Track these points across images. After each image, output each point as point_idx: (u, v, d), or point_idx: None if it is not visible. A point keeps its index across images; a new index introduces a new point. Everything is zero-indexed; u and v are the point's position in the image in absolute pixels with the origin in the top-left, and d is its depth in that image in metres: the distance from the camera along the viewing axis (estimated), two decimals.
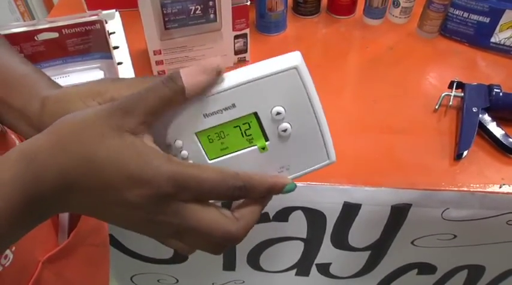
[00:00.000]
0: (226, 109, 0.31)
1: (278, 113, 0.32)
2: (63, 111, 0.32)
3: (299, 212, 0.73)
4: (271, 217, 0.74)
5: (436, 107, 0.77)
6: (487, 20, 0.85)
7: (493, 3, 0.83)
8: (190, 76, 0.29)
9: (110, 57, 0.66)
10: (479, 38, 0.88)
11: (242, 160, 0.33)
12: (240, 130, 0.32)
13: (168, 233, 0.30)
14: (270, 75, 0.31)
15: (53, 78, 0.63)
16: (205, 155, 0.33)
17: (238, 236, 0.31)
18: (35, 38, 0.61)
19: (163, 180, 0.28)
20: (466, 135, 0.71)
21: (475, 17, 0.86)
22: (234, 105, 0.31)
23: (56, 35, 0.61)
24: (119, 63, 0.76)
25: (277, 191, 0.32)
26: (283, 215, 0.73)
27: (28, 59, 0.60)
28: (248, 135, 0.33)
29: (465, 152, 0.70)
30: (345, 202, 0.70)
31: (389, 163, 0.71)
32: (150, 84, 0.29)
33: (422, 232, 0.75)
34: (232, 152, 0.33)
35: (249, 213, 0.32)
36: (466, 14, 0.87)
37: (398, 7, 0.93)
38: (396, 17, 0.95)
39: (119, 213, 0.29)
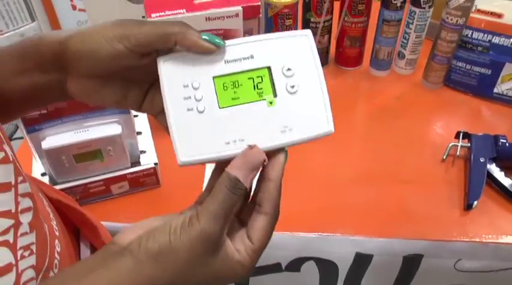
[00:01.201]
0: (245, 58, 0.36)
1: (289, 69, 0.36)
2: (88, 51, 0.35)
3: (311, 263, 0.73)
4: (283, 267, 0.74)
5: (444, 157, 0.79)
6: (488, 71, 0.88)
7: (493, 57, 0.86)
8: (246, 177, 0.33)
9: (127, 111, 0.69)
10: (482, 89, 0.91)
11: (250, 113, 0.36)
12: (253, 82, 0.36)
13: None
14: (285, 37, 0.37)
15: (73, 132, 0.66)
16: (217, 102, 0.36)
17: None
18: None
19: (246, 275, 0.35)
20: (475, 185, 0.72)
21: (477, 68, 0.89)
22: (252, 56, 0.36)
23: None
24: (135, 116, 0.79)
25: (279, 170, 0.35)
26: (295, 265, 0.74)
27: (51, 115, 0.64)
28: (259, 89, 0.36)
29: (475, 203, 0.70)
30: (356, 252, 0.70)
31: (399, 214, 0.71)
32: (220, 198, 0.32)
33: (436, 282, 0.75)
34: (242, 104, 0.36)
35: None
36: (468, 66, 0.90)
37: (403, 59, 0.97)
38: (402, 68, 0.99)
39: None
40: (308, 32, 0.37)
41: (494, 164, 0.74)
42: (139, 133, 0.77)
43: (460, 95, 0.94)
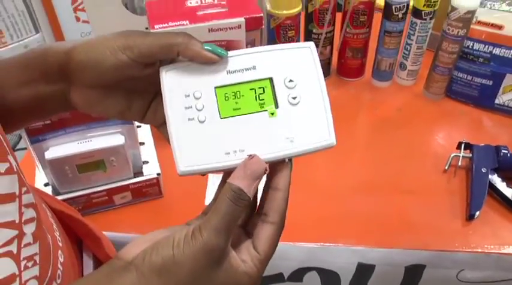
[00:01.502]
0: (247, 69, 0.36)
1: (291, 81, 0.36)
2: (92, 62, 0.35)
3: (313, 273, 0.73)
4: (286, 277, 0.74)
5: (446, 168, 0.79)
6: (490, 82, 0.88)
7: (494, 68, 0.87)
8: (249, 186, 0.32)
9: (130, 122, 0.70)
10: (483, 100, 0.91)
11: (251, 123, 0.36)
12: (255, 93, 0.36)
13: None
14: (288, 49, 0.37)
15: (76, 142, 0.67)
16: (218, 112, 0.36)
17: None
18: None
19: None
20: (477, 195, 0.72)
21: (478, 79, 0.89)
22: (254, 67, 0.36)
23: None
24: (138, 126, 0.79)
25: (286, 179, 0.35)
26: (297, 275, 0.74)
27: (54, 125, 0.64)
28: (261, 100, 0.36)
29: (477, 213, 0.70)
30: (358, 262, 0.70)
31: (402, 224, 0.71)
32: (223, 210, 0.32)
33: None
34: (243, 115, 0.36)
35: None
36: (469, 77, 0.90)
37: (405, 70, 0.97)
38: (403, 79, 0.99)
39: None
40: (311, 44, 0.37)
41: (496, 174, 0.74)
42: (142, 143, 0.77)
43: (462, 106, 0.94)
